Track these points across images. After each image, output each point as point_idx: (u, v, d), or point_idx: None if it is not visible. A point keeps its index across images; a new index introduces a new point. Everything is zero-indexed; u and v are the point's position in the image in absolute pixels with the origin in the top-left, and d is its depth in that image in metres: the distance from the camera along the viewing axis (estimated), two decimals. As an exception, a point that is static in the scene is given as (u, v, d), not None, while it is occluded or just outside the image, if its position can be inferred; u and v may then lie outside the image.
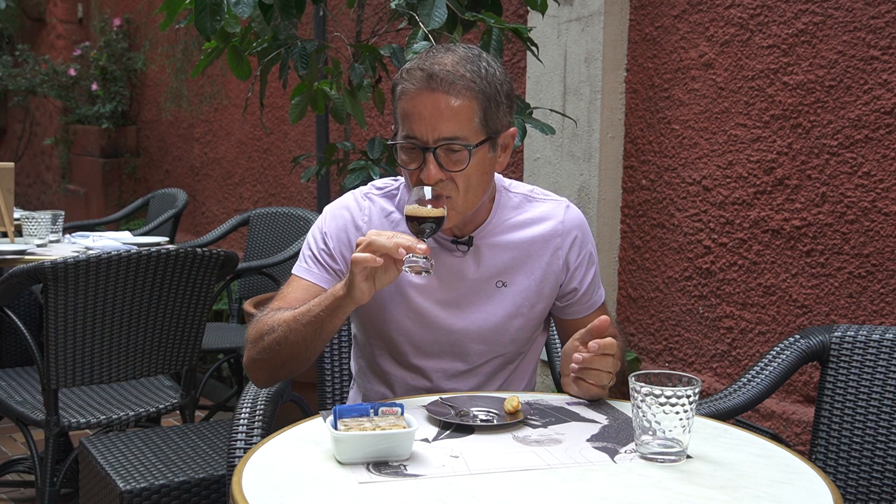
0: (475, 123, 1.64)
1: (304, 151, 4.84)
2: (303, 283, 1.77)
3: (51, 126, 7.50)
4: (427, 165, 1.63)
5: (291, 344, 1.64)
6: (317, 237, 1.81)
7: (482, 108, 1.64)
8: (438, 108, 1.62)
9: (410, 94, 1.64)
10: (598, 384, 1.61)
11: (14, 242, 3.23)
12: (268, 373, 1.72)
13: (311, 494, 1.25)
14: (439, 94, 1.62)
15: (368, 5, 4.08)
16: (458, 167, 1.64)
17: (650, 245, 3.22)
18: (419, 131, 1.63)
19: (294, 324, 1.63)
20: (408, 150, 1.66)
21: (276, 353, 1.66)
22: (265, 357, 1.68)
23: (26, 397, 2.78)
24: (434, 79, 1.62)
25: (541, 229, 1.81)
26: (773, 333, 2.87)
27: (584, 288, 1.85)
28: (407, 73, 1.66)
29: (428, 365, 1.79)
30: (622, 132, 3.26)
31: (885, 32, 2.56)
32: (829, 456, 1.96)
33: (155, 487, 2.16)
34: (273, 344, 1.65)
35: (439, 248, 1.77)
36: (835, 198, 2.69)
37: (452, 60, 1.64)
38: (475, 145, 1.64)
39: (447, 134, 1.62)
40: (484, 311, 1.77)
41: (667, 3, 3.11)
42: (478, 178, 1.68)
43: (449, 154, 1.64)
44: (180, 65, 5.65)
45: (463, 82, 1.62)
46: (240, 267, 3.43)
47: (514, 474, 1.32)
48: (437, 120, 1.62)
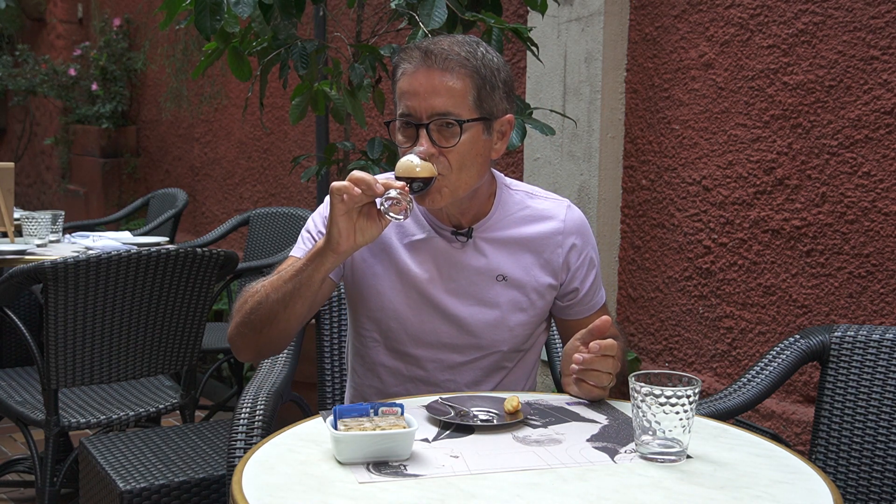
0: (469, 101, 1.67)
1: (304, 151, 4.84)
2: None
3: (51, 126, 7.50)
4: (420, 140, 1.66)
5: (272, 302, 1.66)
6: (316, 220, 1.83)
7: (476, 87, 1.68)
8: (432, 84, 1.65)
9: (408, 73, 1.68)
10: (598, 385, 1.61)
11: (14, 242, 3.23)
12: (248, 339, 1.72)
13: (311, 494, 1.25)
14: (434, 70, 1.66)
15: (368, 5, 4.08)
16: (450, 143, 1.67)
17: (650, 245, 3.22)
18: (413, 107, 1.67)
19: (277, 282, 1.66)
20: (403, 129, 1.70)
21: (256, 314, 1.67)
22: (245, 321, 1.69)
23: (26, 397, 2.78)
24: (430, 56, 1.66)
25: (542, 227, 1.82)
26: (773, 333, 2.87)
27: (585, 289, 1.85)
28: (405, 52, 1.70)
29: (423, 355, 1.80)
30: (622, 132, 3.26)
31: (885, 32, 2.56)
32: (829, 456, 1.96)
33: (155, 487, 2.16)
34: (255, 305, 1.67)
35: (439, 237, 1.78)
36: (835, 198, 2.69)
37: (450, 42, 1.70)
38: (467, 121, 1.67)
39: (440, 109, 1.66)
40: (482, 303, 1.78)
41: (667, 3, 3.11)
42: (472, 159, 1.70)
43: (441, 130, 1.67)
44: (180, 65, 5.65)
45: (458, 59, 1.66)
46: (240, 267, 3.43)
47: (514, 474, 1.32)
48: (431, 96, 1.65)
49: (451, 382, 1.81)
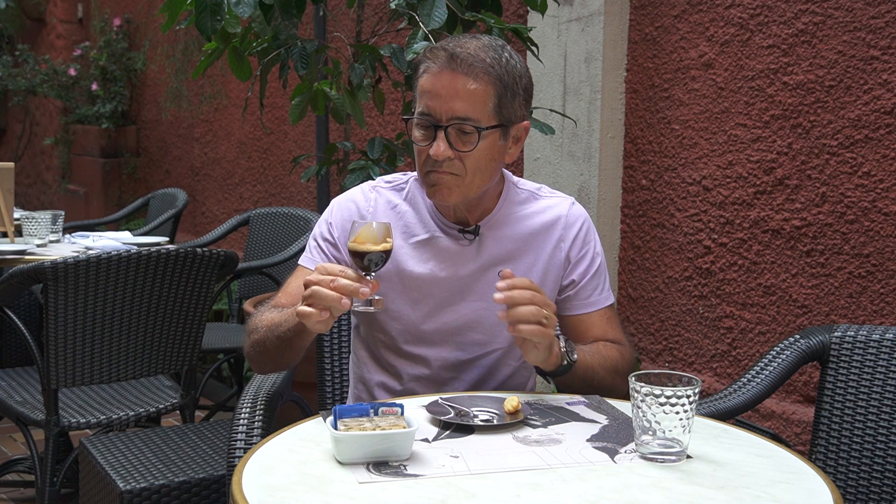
0: (489, 108, 1.68)
1: (304, 151, 4.84)
2: (305, 272, 1.80)
3: (51, 126, 7.50)
4: (437, 142, 1.68)
5: (269, 350, 1.73)
6: (322, 228, 1.86)
7: (497, 95, 1.69)
8: (455, 88, 1.66)
9: (431, 72, 1.69)
10: (526, 321, 1.56)
11: (14, 242, 3.23)
12: (258, 366, 1.81)
13: (311, 494, 1.25)
14: (458, 74, 1.66)
15: (368, 5, 4.08)
16: (467, 148, 1.68)
17: (650, 245, 3.22)
18: (434, 108, 1.68)
19: (269, 333, 1.71)
20: (421, 127, 1.71)
21: (259, 353, 1.76)
22: (253, 353, 1.78)
23: (26, 397, 2.78)
24: (455, 59, 1.67)
25: (544, 222, 1.83)
26: (773, 333, 2.87)
27: (582, 282, 1.84)
28: (431, 51, 1.71)
29: (428, 354, 1.81)
30: (622, 132, 3.26)
31: (885, 32, 2.56)
32: (829, 456, 1.96)
33: (155, 487, 2.16)
34: (256, 344, 1.75)
35: (444, 236, 1.79)
36: (835, 198, 2.69)
37: (476, 46, 1.70)
38: (485, 128, 1.68)
39: (460, 114, 1.67)
40: (484, 299, 1.78)
41: (667, 3, 3.11)
42: (486, 163, 1.72)
43: (459, 134, 1.68)
44: (180, 65, 5.66)
45: (482, 66, 1.67)
46: (240, 267, 3.43)
47: (514, 474, 1.32)
48: (453, 99, 1.66)
49: (455, 381, 1.81)
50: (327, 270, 1.53)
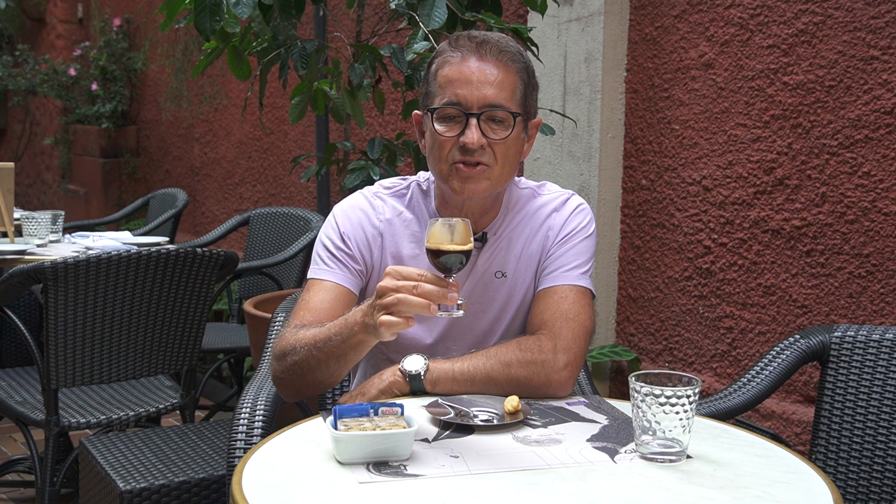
0: (517, 97, 1.67)
1: (304, 151, 4.84)
2: (325, 285, 1.73)
3: (51, 126, 7.50)
4: (470, 130, 1.62)
5: (314, 369, 1.60)
6: (333, 238, 1.77)
7: (523, 84, 1.68)
8: (485, 75, 1.63)
9: (456, 61, 1.65)
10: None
11: (14, 242, 3.23)
12: (293, 390, 1.69)
13: (311, 494, 1.25)
14: (488, 61, 1.64)
15: (368, 5, 4.08)
16: (500, 135, 1.64)
17: (650, 245, 3.22)
18: (464, 96, 1.63)
19: (315, 350, 1.58)
20: (447, 118, 1.65)
21: (299, 375, 1.63)
22: (289, 378, 1.65)
23: (26, 397, 2.78)
24: (484, 46, 1.65)
25: (539, 218, 1.80)
26: (773, 333, 2.87)
27: (551, 255, 1.75)
28: (454, 40, 1.68)
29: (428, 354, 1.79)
30: (622, 132, 3.26)
31: (885, 32, 2.56)
32: (829, 456, 1.96)
33: (155, 487, 2.16)
34: (295, 367, 1.62)
35: None
36: (835, 198, 2.69)
37: (499, 36, 1.69)
38: (518, 114, 1.66)
39: (493, 100, 1.63)
40: (483, 304, 1.77)
41: (667, 3, 3.11)
42: (513, 154, 1.69)
43: (490, 123, 1.64)
44: (180, 65, 5.65)
45: (510, 54, 1.66)
46: (240, 267, 3.43)
47: (514, 474, 1.32)
48: (484, 85, 1.63)
49: None
50: (403, 275, 1.43)
